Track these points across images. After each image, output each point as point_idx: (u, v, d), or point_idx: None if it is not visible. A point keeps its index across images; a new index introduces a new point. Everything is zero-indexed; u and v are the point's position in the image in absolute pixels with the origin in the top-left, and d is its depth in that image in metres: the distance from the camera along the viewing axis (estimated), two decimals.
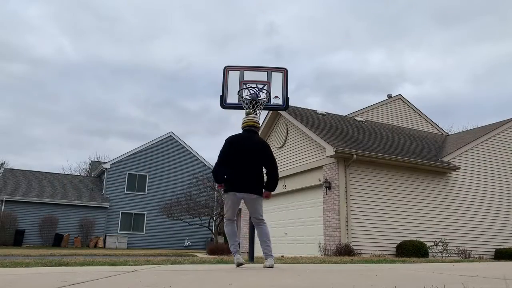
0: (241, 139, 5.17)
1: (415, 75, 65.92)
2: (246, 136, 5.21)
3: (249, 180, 4.96)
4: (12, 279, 3.14)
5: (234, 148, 5.05)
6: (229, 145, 5.09)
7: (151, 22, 65.68)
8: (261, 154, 5.10)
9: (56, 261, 6.00)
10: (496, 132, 15.38)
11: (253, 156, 5.03)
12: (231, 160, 5.02)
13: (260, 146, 5.15)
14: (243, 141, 5.12)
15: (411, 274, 4.13)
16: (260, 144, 5.18)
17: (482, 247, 13.53)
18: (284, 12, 66.30)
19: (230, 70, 7.93)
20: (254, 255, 7.38)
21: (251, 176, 4.98)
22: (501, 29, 57.94)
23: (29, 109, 63.32)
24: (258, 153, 5.08)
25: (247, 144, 5.09)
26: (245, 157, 5.01)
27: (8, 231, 23.65)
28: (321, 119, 15.14)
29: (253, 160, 5.03)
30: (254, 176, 4.99)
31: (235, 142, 5.12)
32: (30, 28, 56.61)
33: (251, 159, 5.02)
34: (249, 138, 5.18)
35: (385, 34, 67.06)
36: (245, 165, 4.98)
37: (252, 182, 4.97)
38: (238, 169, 4.97)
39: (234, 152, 5.02)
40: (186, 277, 3.52)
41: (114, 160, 29.32)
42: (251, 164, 5.00)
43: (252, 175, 4.98)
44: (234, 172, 4.98)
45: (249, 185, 4.94)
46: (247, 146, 5.07)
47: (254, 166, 5.02)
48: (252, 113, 5.60)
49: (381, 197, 12.44)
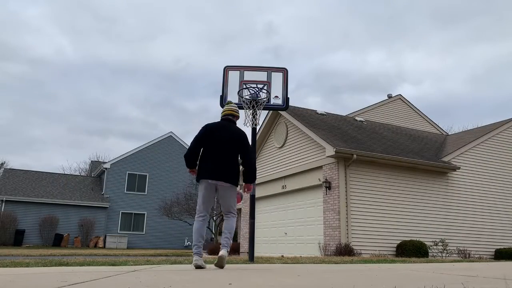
0: (218, 127, 5.00)
1: (414, 75, 65.97)
2: (224, 125, 5.05)
3: (223, 168, 4.79)
4: (12, 279, 3.14)
5: (210, 135, 4.90)
6: (204, 131, 4.94)
7: (150, 22, 65.71)
8: (238, 143, 4.94)
9: (56, 261, 6.00)
10: (496, 132, 15.38)
11: (229, 145, 4.88)
12: (206, 147, 4.89)
13: (236, 135, 4.98)
14: (220, 129, 4.96)
15: (411, 274, 4.13)
16: (237, 134, 5.00)
17: (482, 247, 13.53)
18: (283, 12, 66.32)
19: (230, 70, 7.93)
20: (254, 255, 7.37)
21: (226, 164, 4.81)
22: (500, 30, 57.97)
23: (29, 109, 63.36)
24: (235, 142, 4.93)
25: (224, 132, 4.94)
26: (221, 145, 4.86)
27: (8, 231, 23.66)
28: (321, 119, 15.14)
29: (229, 149, 4.87)
30: (228, 165, 4.82)
31: (212, 129, 4.96)
32: (29, 28, 56.63)
33: (227, 148, 4.87)
34: (226, 126, 5.03)
35: (384, 34, 67.08)
36: (220, 154, 4.84)
37: (227, 170, 4.79)
38: (212, 156, 4.83)
39: (210, 139, 4.89)
40: (186, 277, 3.51)
41: (114, 160, 29.33)
42: (226, 153, 4.85)
43: (227, 163, 4.82)
44: (209, 159, 4.83)
45: (223, 173, 4.78)
46: (224, 134, 4.93)
47: (229, 155, 4.86)
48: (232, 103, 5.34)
49: (381, 197, 12.44)
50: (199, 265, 4.54)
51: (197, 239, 4.73)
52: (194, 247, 4.72)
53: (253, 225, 7.52)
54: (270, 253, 14.56)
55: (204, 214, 4.83)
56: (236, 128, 5.11)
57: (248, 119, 7.71)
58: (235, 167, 4.89)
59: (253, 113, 7.69)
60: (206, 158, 4.85)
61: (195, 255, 4.66)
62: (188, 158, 4.91)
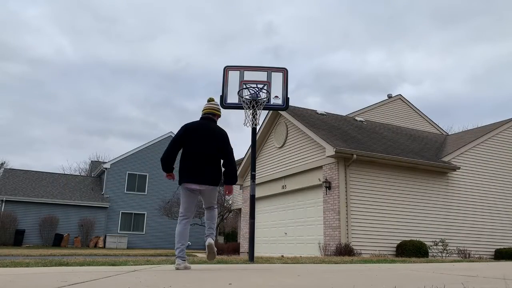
0: (198, 127, 4.78)
1: (414, 75, 65.97)
2: (203, 124, 4.83)
3: (205, 171, 4.60)
4: (12, 279, 3.14)
5: (189, 136, 4.70)
6: (183, 132, 4.73)
7: (150, 22, 65.71)
8: (218, 143, 4.73)
9: (56, 261, 6.00)
10: (496, 132, 15.38)
11: (209, 145, 4.68)
12: (185, 149, 4.70)
13: (217, 134, 4.77)
14: (199, 129, 4.75)
15: (411, 274, 4.13)
16: (217, 133, 4.79)
17: (482, 247, 13.53)
18: (283, 12, 66.32)
19: (230, 70, 7.93)
20: (254, 255, 7.37)
21: (207, 167, 4.62)
22: (500, 30, 57.96)
23: (29, 109, 63.36)
24: (215, 142, 4.72)
25: (204, 132, 4.73)
26: (201, 146, 4.66)
27: (8, 231, 23.65)
28: (321, 119, 15.13)
29: (209, 149, 4.67)
30: (210, 167, 4.64)
31: (191, 129, 4.75)
32: (29, 28, 56.64)
33: (207, 148, 4.67)
34: (206, 126, 4.81)
35: (384, 34, 67.08)
36: (201, 155, 4.63)
37: (208, 173, 4.61)
38: (193, 159, 4.63)
39: (189, 140, 4.69)
40: (186, 277, 3.51)
41: (114, 160, 29.32)
42: (207, 154, 4.65)
43: (208, 166, 4.63)
44: (190, 161, 4.63)
45: (205, 177, 4.60)
46: (203, 134, 4.72)
47: (210, 157, 4.67)
48: (213, 100, 5.09)
49: (381, 197, 12.44)
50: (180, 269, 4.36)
51: (181, 242, 4.53)
52: (177, 250, 4.49)
53: (253, 225, 7.52)
54: (270, 253, 14.55)
55: (188, 216, 4.69)
56: (216, 127, 4.90)
57: (248, 119, 7.71)
58: (217, 168, 4.72)
59: (253, 113, 7.68)
60: (187, 160, 4.66)
61: (178, 259, 4.46)
62: (165, 161, 4.72)
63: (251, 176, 7.60)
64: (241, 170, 17.14)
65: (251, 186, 7.56)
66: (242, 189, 17.75)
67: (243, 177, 17.21)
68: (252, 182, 7.56)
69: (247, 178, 16.79)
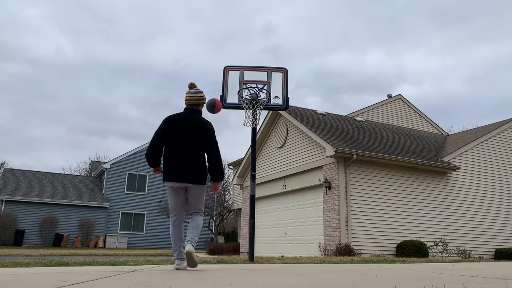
0: (181, 119, 4.43)
1: (414, 75, 65.98)
2: (186, 116, 4.47)
3: (189, 167, 4.27)
4: (12, 279, 3.14)
5: (171, 129, 4.37)
6: (164, 126, 4.40)
7: (149, 22, 65.71)
8: (202, 136, 4.38)
9: (56, 261, 6.00)
10: (496, 132, 15.38)
11: (192, 139, 4.34)
12: (168, 143, 4.37)
13: (201, 127, 4.40)
14: (181, 122, 4.40)
15: (411, 274, 4.13)
16: (201, 125, 4.42)
17: (482, 247, 13.53)
18: (282, 12, 66.33)
19: (230, 70, 7.93)
20: (254, 255, 7.37)
21: (191, 163, 4.29)
22: (500, 30, 57.97)
23: (29, 109, 63.38)
24: (199, 135, 4.37)
25: (186, 125, 4.38)
26: (183, 140, 4.32)
27: (8, 231, 23.66)
28: (321, 119, 15.14)
29: (193, 143, 4.33)
30: (194, 163, 4.30)
31: (173, 122, 4.41)
32: (29, 29, 56.64)
33: (190, 142, 4.33)
34: (189, 118, 4.45)
35: (384, 34, 67.09)
36: (184, 150, 4.30)
37: (192, 169, 4.28)
38: (176, 154, 4.30)
39: (171, 134, 4.35)
40: (186, 277, 3.51)
41: (114, 160, 29.33)
42: (191, 149, 4.31)
43: (192, 161, 4.30)
44: (173, 157, 4.31)
45: (189, 174, 4.26)
46: (186, 126, 4.37)
47: (194, 151, 4.33)
48: (194, 86, 4.61)
49: (381, 197, 12.44)
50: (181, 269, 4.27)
51: (177, 244, 4.34)
52: (175, 253, 4.34)
53: (253, 225, 7.52)
54: (270, 253, 14.55)
55: (178, 216, 4.40)
56: (201, 119, 4.51)
57: (248, 119, 7.71)
58: (202, 164, 4.38)
59: (253, 113, 7.68)
60: (170, 156, 4.35)
61: (177, 260, 4.33)
62: (149, 157, 4.41)
63: (251, 176, 7.60)
64: (241, 170, 17.14)
65: (251, 186, 7.56)
66: (242, 189, 17.75)
67: (243, 177, 17.21)
68: (252, 182, 7.56)
69: (247, 178, 16.79)
